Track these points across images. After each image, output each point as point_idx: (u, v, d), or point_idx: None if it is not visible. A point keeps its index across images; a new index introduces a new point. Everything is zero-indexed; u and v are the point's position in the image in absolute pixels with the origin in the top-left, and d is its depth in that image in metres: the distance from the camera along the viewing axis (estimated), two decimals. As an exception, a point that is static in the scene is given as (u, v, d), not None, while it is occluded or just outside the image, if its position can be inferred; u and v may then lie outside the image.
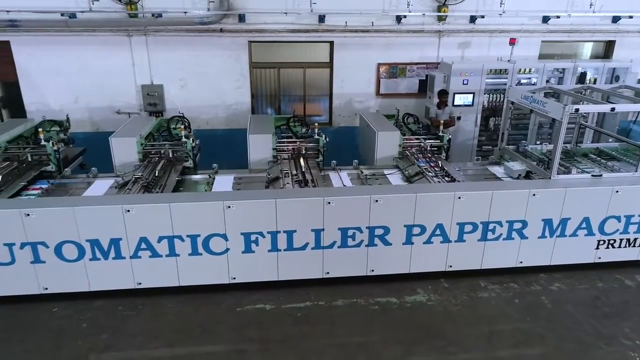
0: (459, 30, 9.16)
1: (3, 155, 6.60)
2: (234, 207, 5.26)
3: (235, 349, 4.79)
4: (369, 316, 5.34)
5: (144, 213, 5.18)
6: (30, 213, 5.01)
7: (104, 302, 5.48)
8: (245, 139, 6.86)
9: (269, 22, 8.68)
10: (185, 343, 4.89)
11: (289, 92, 9.69)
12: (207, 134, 8.79)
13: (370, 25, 8.87)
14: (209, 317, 5.28)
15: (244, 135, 6.96)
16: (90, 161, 7.48)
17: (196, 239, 5.37)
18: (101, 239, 5.23)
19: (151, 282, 5.52)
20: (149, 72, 8.79)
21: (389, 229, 5.60)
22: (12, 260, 5.19)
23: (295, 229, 5.47)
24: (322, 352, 4.76)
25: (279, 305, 5.49)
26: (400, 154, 7.09)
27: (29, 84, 8.63)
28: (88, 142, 8.08)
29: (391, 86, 9.45)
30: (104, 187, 6.12)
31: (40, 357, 4.66)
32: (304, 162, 6.73)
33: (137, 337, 4.96)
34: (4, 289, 5.34)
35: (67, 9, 8.01)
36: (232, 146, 8.88)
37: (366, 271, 5.79)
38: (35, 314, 5.28)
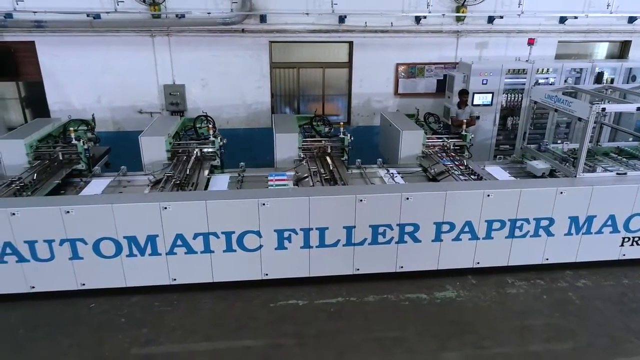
0: (476, 31, 9.26)
1: (34, 154, 6.69)
2: (269, 204, 5.36)
3: (273, 344, 4.89)
4: (400, 311, 5.44)
5: (180, 210, 5.28)
6: (70, 210, 5.11)
7: (140, 298, 5.58)
8: (266, 138, 6.95)
9: (289, 22, 8.78)
10: (223, 337, 4.99)
11: (307, 91, 9.79)
12: (227, 133, 8.85)
13: (389, 25, 8.97)
14: (243, 313, 5.38)
15: (264, 134, 7.09)
16: (113, 160, 7.61)
17: (231, 235, 5.47)
18: (138, 235, 5.33)
19: (186, 278, 5.62)
20: (171, 72, 8.89)
21: (418, 226, 5.70)
22: (52, 257, 5.29)
23: (327, 226, 5.56)
24: (358, 347, 4.86)
25: (312, 301, 5.58)
26: (423, 153, 7.18)
27: (53, 84, 8.74)
28: (110, 141, 8.18)
29: (409, 86, 9.55)
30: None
31: (85, 351, 4.76)
32: (331, 160, 6.82)
33: (176, 332, 5.07)
34: (43, 285, 5.43)
35: (92, 10, 8.11)
36: (253, 145, 9.02)
37: (395, 268, 5.89)
38: (74, 310, 5.38)
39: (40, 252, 5.25)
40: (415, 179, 6.69)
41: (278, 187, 5.97)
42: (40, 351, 4.75)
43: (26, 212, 5.07)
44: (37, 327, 5.10)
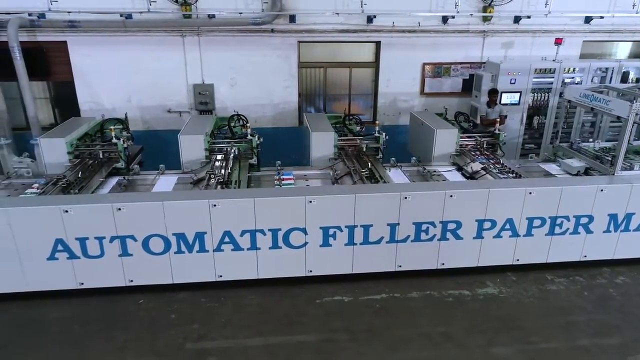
0: (503, 31, 9.33)
1: (74, 152, 6.76)
2: (315, 202, 5.43)
3: (325, 339, 4.96)
4: (445, 307, 5.51)
5: (229, 207, 5.35)
6: (121, 207, 5.18)
7: (187, 295, 5.65)
8: (293, 137, 7.02)
9: (318, 22, 8.85)
10: (274, 333, 5.06)
11: (331, 91, 9.86)
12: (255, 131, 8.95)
13: (416, 25, 9.04)
14: (291, 309, 5.45)
15: (290, 133, 7.13)
16: (143, 159, 7.66)
17: (277, 232, 5.54)
18: (187, 232, 5.40)
19: (232, 275, 5.70)
20: (200, 71, 8.97)
21: (461, 223, 5.77)
22: (102, 254, 5.37)
23: (372, 224, 5.63)
24: (409, 341, 4.93)
25: (357, 297, 5.66)
26: (457, 151, 7.25)
27: (84, 84, 8.81)
28: (140, 140, 8.22)
29: (435, 85, 9.62)
30: (170, 182, 6.35)
31: (141, 346, 4.83)
32: (367, 159, 6.89)
33: (227, 327, 5.14)
34: (92, 281, 5.50)
35: (126, 10, 8.18)
36: (280, 144, 9.07)
37: (437, 265, 5.96)
38: (124, 306, 5.45)
39: (91, 249, 5.33)
40: (452, 178, 6.75)
41: (285, 186, 6.08)
42: (97, 346, 4.82)
43: (79, 209, 5.15)
44: (90, 323, 5.17)
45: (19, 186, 6.23)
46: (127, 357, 4.69)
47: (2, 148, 8.25)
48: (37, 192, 5.75)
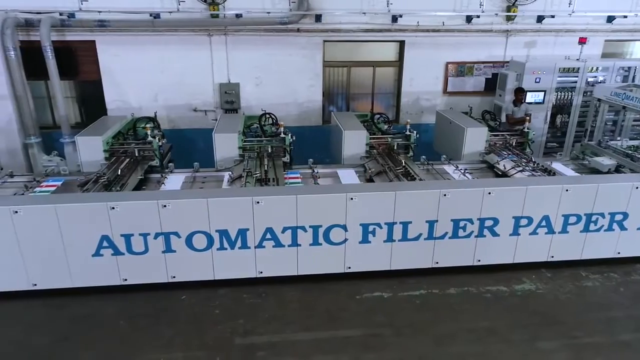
0: (525, 30, 9.40)
1: (109, 150, 6.83)
2: (357, 199, 5.50)
3: (371, 333, 5.03)
4: (484, 303, 5.58)
5: (272, 204, 5.41)
6: (166, 204, 5.25)
7: (227, 290, 5.71)
8: (317, 135, 7.10)
9: (344, 22, 8.92)
10: (319, 328, 5.13)
11: (354, 89, 9.93)
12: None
13: (441, 25, 9.10)
14: (332, 304, 5.52)
15: (315, 132, 7.20)
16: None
17: (318, 229, 5.60)
18: (230, 229, 5.47)
19: (272, 271, 5.76)
20: (226, 70, 9.03)
21: (498, 220, 5.83)
22: (146, 250, 5.43)
23: (411, 220, 5.70)
24: (454, 336, 5.00)
25: (396, 294, 5.72)
26: (486, 149, 7.32)
27: (112, 83, 8.88)
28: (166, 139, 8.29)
29: (458, 84, 9.69)
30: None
31: (190, 341, 4.90)
32: (399, 157, 6.95)
33: (272, 323, 5.20)
34: (136, 277, 5.57)
35: (155, 10, 8.25)
36: (304, 143, 9.12)
37: (473, 261, 6.03)
38: (168, 301, 5.52)
39: (135, 245, 5.39)
40: (484, 175, 6.82)
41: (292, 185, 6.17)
42: (146, 341, 4.88)
43: (125, 206, 5.22)
44: (136, 318, 5.24)
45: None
46: (177, 351, 4.75)
47: (33, 147, 8.33)
48: (47, 191, 5.83)
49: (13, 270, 5.32)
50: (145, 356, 4.69)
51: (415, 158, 7.24)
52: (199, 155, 7.56)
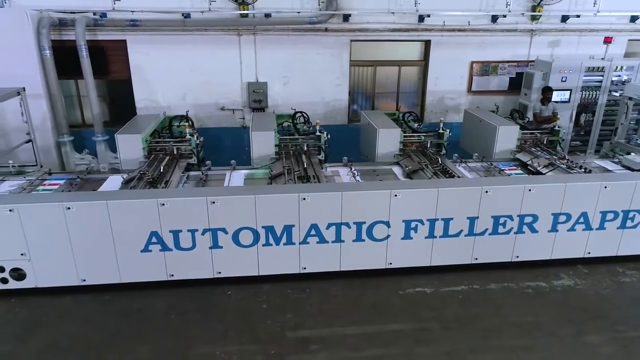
0: (550, 30, 9.48)
1: (147, 148, 6.91)
2: (400, 196, 5.59)
3: (420, 328, 5.11)
4: (526, 298, 5.66)
5: (318, 201, 5.50)
6: (215, 201, 5.33)
7: (271, 286, 5.79)
8: (342, 134, 7.21)
9: (371, 21, 9.00)
10: (367, 322, 5.21)
11: (379, 88, 10.01)
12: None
13: (466, 24, 9.19)
14: (377, 299, 5.60)
15: (340, 130, 7.32)
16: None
17: (361, 225, 5.69)
18: (276, 225, 5.55)
19: (315, 267, 5.84)
20: (254, 70, 9.12)
21: (537, 216, 5.92)
22: (193, 246, 5.52)
23: (452, 217, 5.78)
24: (501, 330, 5.08)
25: (438, 289, 5.81)
26: (517, 147, 7.40)
27: (141, 81, 8.96)
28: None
29: (482, 83, 9.78)
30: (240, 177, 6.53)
31: (242, 335, 4.98)
32: (434, 154, 7.04)
33: (320, 317, 5.29)
34: (182, 273, 5.65)
35: (187, 9, 8.34)
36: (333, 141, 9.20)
37: (511, 257, 6.11)
38: (214, 297, 5.60)
39: (183, 241, 5.48)
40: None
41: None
42: (200, 335, 4.96)
43: (175, 202, 5.30)
44: (186, 313, 5.32)
45: (100, 181, 6.36)
46: (231, 345, 4.83)
47: (66, 145, 8.41)
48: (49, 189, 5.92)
49: (64, 266, 5.41)
50: (200, 350, 4.77)
51: (447, 156, 7.33)
52: (227, 153, 7.67)
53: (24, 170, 6.72)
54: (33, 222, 5.18)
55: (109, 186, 6.14)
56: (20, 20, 7.52)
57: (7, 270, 5.38)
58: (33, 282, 5.47)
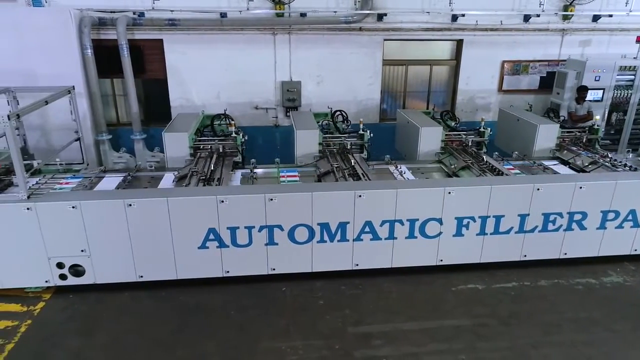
0: (581, 29, 9.53)
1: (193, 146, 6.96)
2: (454, 193, 5.64)
3: (478, 323, 5.17)
4: (577, 295, 5.72)
5: (373, 198, 5.55)
6: (273, 198, 5.39)
7: (324, 282, 5.86)
8: (374, 133, 7.21)
9: (404, 20, 9.06)
10: (426, 317, 5.27)
11: (409, 87, 10.07)
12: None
13: (499, 24, 9.24)
14: (430, 296, 5.67)
15: (374, 129, 7.34)
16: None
17: (414, 223, 5.75)
18: (331, 222, 5.61)
19: (368, 264, 5.90)
20: (289, 69, 9.17)
21: (586, 214, 5.98)
22: (249, 243, 5.58)
23: (504, 214, 5.84)
24: (559, 326, 5.14)
25: (489, 286, 5.87)
26: (557, 146, 7.46)
27: (177, 81, 9.02)
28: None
29: (513, 83, 9.83)
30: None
31: (304, 330, 5.04)
32: (474, 152, 7.09)
33: (378, 313, 5.35)
34: (238, 270, 5.71)
35: (224, 9, 8.40)
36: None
37: (559, 254, 6.17)
38: (270, 293, 5.67)
39: (240, 238, 5.54)
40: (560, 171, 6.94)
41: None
42: (263, 330, 5.02)
43: (234, 199, 5.36)
44: (245, 309, 5.38)
45: (149, 179, 6.42)
46: (296, 340, 4.89)
47: (104, 143, 8.47)
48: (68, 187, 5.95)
49: (122, 263, 5.47)
50: (266, 345, 4.83)
51: (488, 154, 7.37)
52: (260, 152, 7.74)
53: (71, 168, 6.79)
54: (94, 218, 5.24)
55: (163, 184, 6.21)
56: (63, 20, 7.58)
57: (67, 266, 5.44)
58: (91, 279, 5.53)
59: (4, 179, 5.92)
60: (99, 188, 6.03)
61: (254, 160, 6.99)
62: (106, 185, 6.10)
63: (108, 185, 6.09)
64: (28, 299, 5.51)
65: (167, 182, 6.19)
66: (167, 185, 6.12)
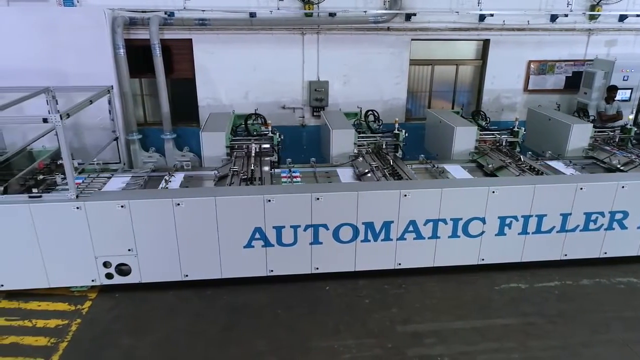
0: (607, 29, 9.54)
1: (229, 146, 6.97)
2: (498, 192, 5.66)
3: (526, 322, 5.18)
4: (622, 294, 5.74)
5: (417, 197, 5.57)
6: (319, 197, 5.41)
7: (367, 282, 5.87)
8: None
9: (432, 20, 9.07)
10: (473, 316, 5.29)
11: (435, 87, 10.09)
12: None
13: (525, 23, 9.26)
14: (475, 295, 5.68)
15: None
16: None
17: (458, 222, 5.76)
18: (376, 222, 5.63)
19: (410, 263, 5.92)
20: (316, 68, 9.18)
21: (628, 213, 5.99)
22: (294, 242, 5.59)
23: (546, 213, 5.86)
24: (607, 325, 5.15)
25: (532, 285, 5.88)
26: (589, 145, 7.47)
27: (205, 80, 9.03)
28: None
29: (539, 82, 9.85)
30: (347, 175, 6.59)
31: (354, 328, 5.06)
32: (509, 152, 7.11)
33: (424, 312, 5.36)
34: (281, 269, 5.72)
35: (255, 9, 8.41)
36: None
37: (599, 253, 6.18)
38: (314, 292, 5.68)
39: (285, 237, 5.55)
40: (594, 170, 6.96)
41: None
42: (312, 329, 5.04)
43: (281, 198, 5.37)
44: (292, 308, 5.39)
45: (189, 178, 6.43)
46: (348, 339, 4.90)
47: (135, 143, 8.49)
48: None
49: (168, 262, 5.49)
50: (317, 343, 4.85)
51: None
52: (289, 151, 7.73)
53: (108, 167, 6.80)
54: (143, 217, 5.26)
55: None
56: (97, 19, 7.60)
57: (114, 265, 5.46)
58: (137, 278, 5.55)
59: (47, 179, 5.93)
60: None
61: (289, 159, 7.01)
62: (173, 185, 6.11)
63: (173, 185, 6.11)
64: (74, 298, 5.52)
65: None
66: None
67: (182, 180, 6.26)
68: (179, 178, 6.32)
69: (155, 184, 6.20)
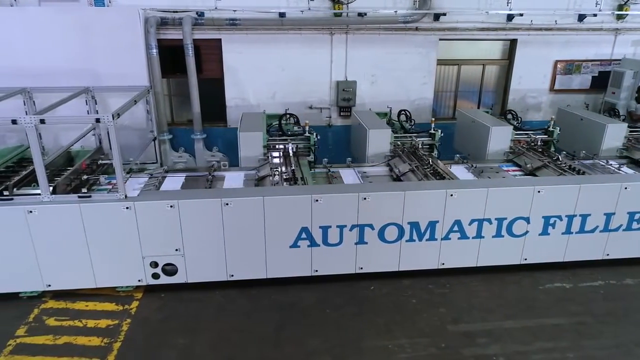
0: (635, 29, 9.54)
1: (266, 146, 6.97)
2: (543, 192, 5.65)
3: (577, 322, 5.19)
4: (667, 293, 5.74)
5: (464, 197, 5.57)
6: (366, 197, 5.41)
7: (411, 281, 5.87)
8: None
9: (460, 20, 9.06)
10: (522, 316, 5.29)
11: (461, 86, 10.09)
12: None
13: (553, 23, 9.25)
14: (521, 294, 5.68)
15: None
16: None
17: (502, 221, 5.76)
18: (421, 221, 5.63)
19: (453, 263, 5.92)
20: (344, 68, 9.18)
21: (675, 212, 5.99)
22: (340, 242, 5.60)
23: (590, 213, 5.86)
24: (658, 324, 5.16)
25: (576, 284, 5.88)
26: (624, 145, 7.47)
27: (233, 80, 9.02)
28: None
29: (565, 82, 9.84)
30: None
31: (404, 328, 5.06)
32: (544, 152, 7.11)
33: (473, 311, 5.36)
34: (326, 268, 5.73)
35: (284, 9, 8.40)
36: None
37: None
38: (359, 291, 5.69)
39: (331, 237, 5.55)
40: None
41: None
42: (363, 329, 5.04)
43: (328, 198, 5.38)
44: (340, 307, 5.39)
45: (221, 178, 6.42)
46: (400, 338, 4.91)
47: (165, 142, 8.49)
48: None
49: (215, 262, 5.49)
50: (370, 343, 4.85)
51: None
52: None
53: (145, 167, 6.80)
54: (191, 217, 5.26)
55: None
56: (131, 19, 7.59)
57: (160, 265, 5.46)
58: (183, 278, 5.55)
59: (91, 179, 5.92)
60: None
61: (325, 159, 7.00)
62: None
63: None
64: (121, 298, 5.52)
65: (235, 182, 6.18)
66: (237, 184, 6.09)
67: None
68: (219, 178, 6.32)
69: (194, 184, 6.20)
